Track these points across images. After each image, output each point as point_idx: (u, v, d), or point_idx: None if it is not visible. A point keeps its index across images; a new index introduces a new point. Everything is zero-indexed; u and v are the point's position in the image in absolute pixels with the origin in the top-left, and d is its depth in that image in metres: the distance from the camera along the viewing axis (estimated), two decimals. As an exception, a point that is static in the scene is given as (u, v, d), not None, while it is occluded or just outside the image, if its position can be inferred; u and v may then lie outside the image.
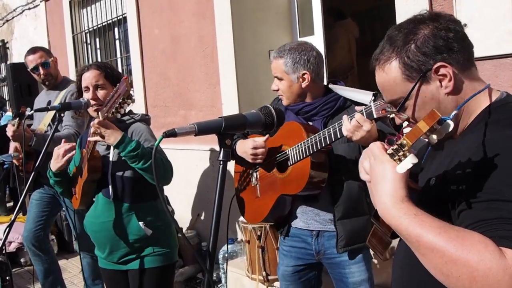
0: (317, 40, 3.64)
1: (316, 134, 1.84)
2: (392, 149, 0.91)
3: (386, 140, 0.98)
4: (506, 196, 0.88)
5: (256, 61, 3.82)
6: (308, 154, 1.87)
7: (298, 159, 1.91)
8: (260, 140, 2.02)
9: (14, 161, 3.38)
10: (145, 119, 2.30)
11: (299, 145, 1.90)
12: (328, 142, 1.80)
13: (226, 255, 3.57)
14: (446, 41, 1.03)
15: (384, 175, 0.95)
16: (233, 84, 3.77)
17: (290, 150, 1.96)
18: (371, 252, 2.15)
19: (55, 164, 2.19)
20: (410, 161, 0.89)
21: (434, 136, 0.95)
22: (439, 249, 0.86)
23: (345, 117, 1.70)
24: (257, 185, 2.16)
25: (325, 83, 2.14)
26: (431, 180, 1.08)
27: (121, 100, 1.84)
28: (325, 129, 1.81)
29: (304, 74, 1.97)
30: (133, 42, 4.89)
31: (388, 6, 3.52)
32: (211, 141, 4.03)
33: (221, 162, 1.17)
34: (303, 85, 1.99)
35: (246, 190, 2.22)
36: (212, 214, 1.16)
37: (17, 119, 2.92)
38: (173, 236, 2.30)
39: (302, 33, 3.91)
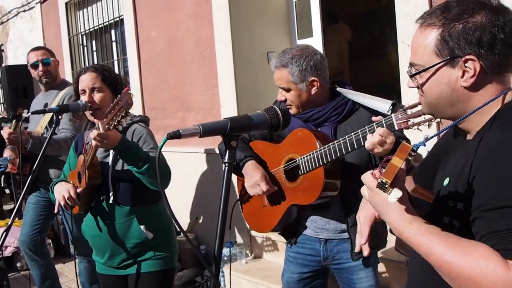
0: (316, 42, 3.63)
1: (331, 144, 1.76)
2: (377, 183, 0.97)
3: (374, 169, 1.03)
4: None
5: (254, 63, 3.80)
6: (321, 164, 1.79)
7: (310, 168, 1.83)
8: (267, 188, 1.94)
9: (9, 166, 3.32)
10: (144, 120, 2.29)
11: (311, 154, 1.82)
12: (344, 153, 1.72)
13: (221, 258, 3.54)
14: (492, 40, 0.99)
15: (385, 205, 1.01)
16: (231, 86, 3.75)
17: (301, 159, 1.88)
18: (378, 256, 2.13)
19: (55, 191, 2.17)
20: (394, 196, 0.95)
21: (414, 162, 0.97)
22: (445, 266, 0.91)
23: (369, 135, 1.61)
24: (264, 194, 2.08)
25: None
26: (445, 180, 1.07)
27: (122, 114, 1.79)
28: (341, 139, 1.73)
29: (313, 81, 1.88)
30: (130, 44, 4.86)
31: (387, 7, 3.53)
32: (210, 144, 4.01)
33: (227, 164, 1.15)
34: (313, 91, 1.90)
35: (251, 198, 2.14)
36: (218, 216, 1.13)
37: (14, 121, 2.89)
38: (174, 240, 2.28)
39: (301, 35, 3.90)
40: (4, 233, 2.26)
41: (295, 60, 1.87)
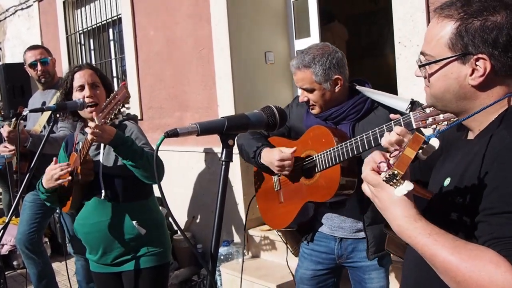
0: (313, 42, 3.64)
1: (348, 142, 1.75)
2: (385, 177, 0.94)
3: (377, 165, 1.00)
4: None
5: (252, 62, 3.81)
6: (338, 161, 1.78)
7: (327, 166, 1.82)
8: (287, 151, 1.91)
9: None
10: (133, 118, 2.30)
11: (328, 152, 1.81)
12: (361, 150, 1.70)
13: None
14: (508, 42, 0.97)
15: (391, 200, 0.96)
16: (229, 85, 3.76)
17: (318, 156, 1.87)
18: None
19: (48, 184, 2.11)
20: (405, 188, 0.93)
21: (423, 155, 0.96)
22: (452, 269, 0.88)
23: (386, 133, 1.57)
24: (280, 191, 2.08)
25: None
26: (446, 180, 1.06)
27: (120, 107, 1.81)
28: (358, 137, 1.72)
29: (337, 79, 1.87)
30: (128, 43, 4.86)
31: (386, 9, 3.54)
32: (208, 143, 4.02)
33: (223, 163, 1.16)
34: (337, 89, 1.89)
35: (267, 194, 2.14)
36: (215, 215, 1.14)
37: (14, 119, 2.89)
38: (166, 235, 2.29)
39: (298, 36, 3.92)
40: (2, 232, 2.26)
41: (318, 60, 1.86)
